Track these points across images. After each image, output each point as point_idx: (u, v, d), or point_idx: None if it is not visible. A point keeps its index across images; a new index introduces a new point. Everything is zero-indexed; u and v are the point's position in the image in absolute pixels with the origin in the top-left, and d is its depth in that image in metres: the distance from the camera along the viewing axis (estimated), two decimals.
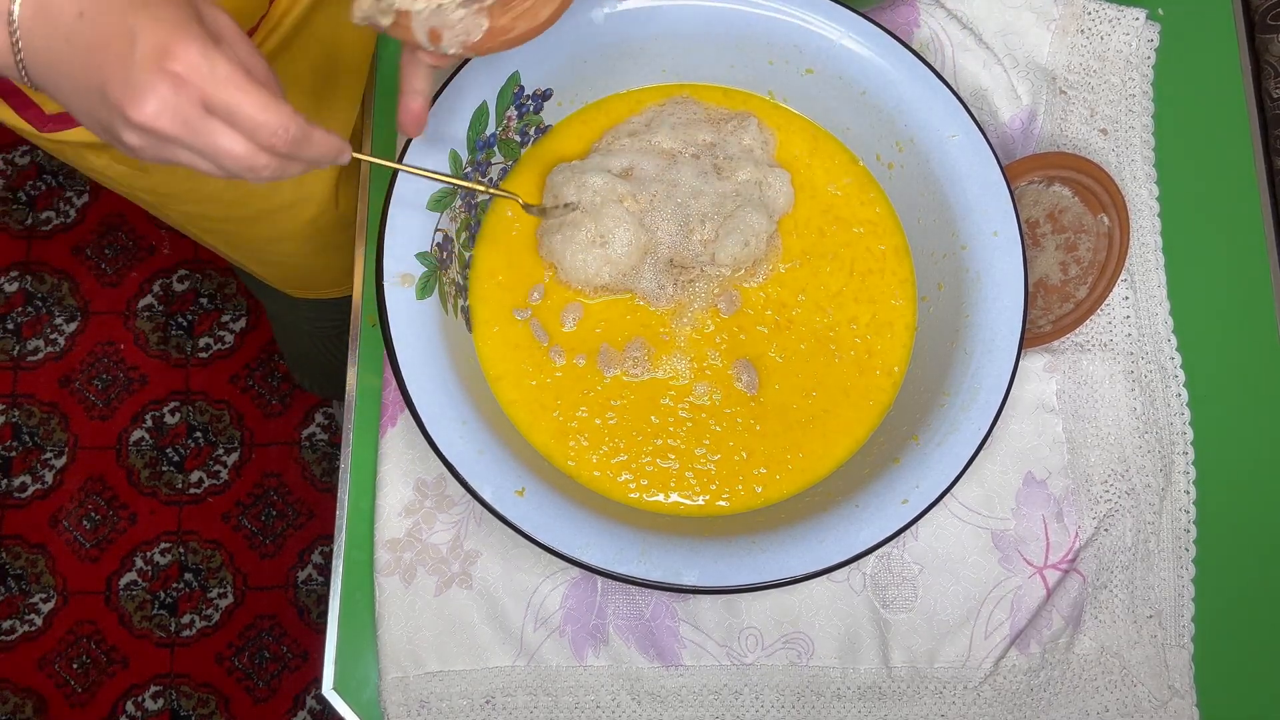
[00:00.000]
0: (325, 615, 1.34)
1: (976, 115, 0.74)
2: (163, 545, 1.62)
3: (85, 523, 1.62)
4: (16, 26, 0.46)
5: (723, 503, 0.70)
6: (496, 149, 0.73)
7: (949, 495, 0.71)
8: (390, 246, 0.66)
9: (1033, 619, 0.73)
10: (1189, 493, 0.78)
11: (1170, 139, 0.85)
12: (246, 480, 1.65)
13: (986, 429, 0.66)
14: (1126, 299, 0.80)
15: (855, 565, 0.73)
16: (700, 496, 0.70)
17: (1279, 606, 0.78)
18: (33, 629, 1.58)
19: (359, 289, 0.79)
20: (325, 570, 1.61)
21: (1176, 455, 0.78)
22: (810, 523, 0.65)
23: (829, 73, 0.74)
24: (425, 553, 0.72)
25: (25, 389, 1.66)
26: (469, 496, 0.66)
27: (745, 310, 0.74)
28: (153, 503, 1.63)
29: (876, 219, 0.77)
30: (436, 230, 0.68)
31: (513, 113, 0.73)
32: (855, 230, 0.76)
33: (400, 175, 0.67)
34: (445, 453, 0.63)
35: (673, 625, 0.72)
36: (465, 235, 0.72)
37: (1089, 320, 0.79)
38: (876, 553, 0.72)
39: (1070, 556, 0.74)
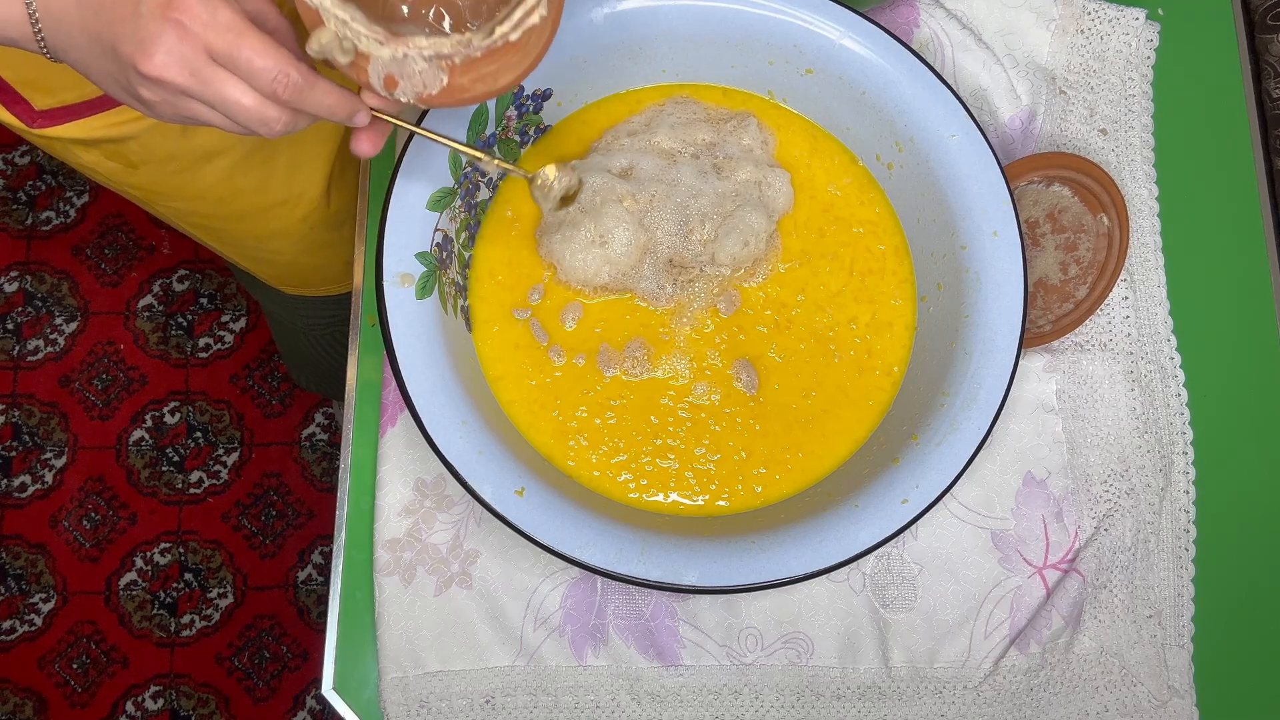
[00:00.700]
0: (325, 615, 1.34)
1: (976, 115, 0.74)
2: (162, 545, 1.62)
3: (85, 523, 1.62)
4: None
5: (722, 503, 0.70)
6: (496, 149, 0.73)
7: (949, 495, 0.71)
8: (390, 246, 0.66)
9: (1032, 619, 0.73)
10: (1189, 493, 0.78)
11: (1170, 139, 0.85)
12: (246, 480, 1.65)
13: (986, 429, 0.66)
14: (1126, 299, 0.80)
15: (855, 565, 0.73)
16: (700, 496, 0.70)
17: (1279, 606, 0.78)
18: (33, 629, 1.58)
19: (358, 288, 0.79)
20: (325, 570, 1.61)
21: (1176, 455, 0.78)
22: (810, 523, 0.65)
23: (829, 73, 0.74)
24: (425, 553, 0.72)
25: (25, 389, 1.66)
26: (469, 496, 0.66)
27: (745, 310, 0.74)
28: (152, 503, 1.63)
29: (876, 219, 0.77)
30: (436, 230, 0.68)
31: (512, 113, 0.73)
32: (855, 230, 0.76)
33: (404, 161, 0.67)
34: (445, 453, 0.63)
35: (672, 625, 0.72)
36: (465, 235, 0.72)
37: (1089, 320, 0.79)
38: (876, 553, 0.72)
39: (1070, 556, 0.74)
